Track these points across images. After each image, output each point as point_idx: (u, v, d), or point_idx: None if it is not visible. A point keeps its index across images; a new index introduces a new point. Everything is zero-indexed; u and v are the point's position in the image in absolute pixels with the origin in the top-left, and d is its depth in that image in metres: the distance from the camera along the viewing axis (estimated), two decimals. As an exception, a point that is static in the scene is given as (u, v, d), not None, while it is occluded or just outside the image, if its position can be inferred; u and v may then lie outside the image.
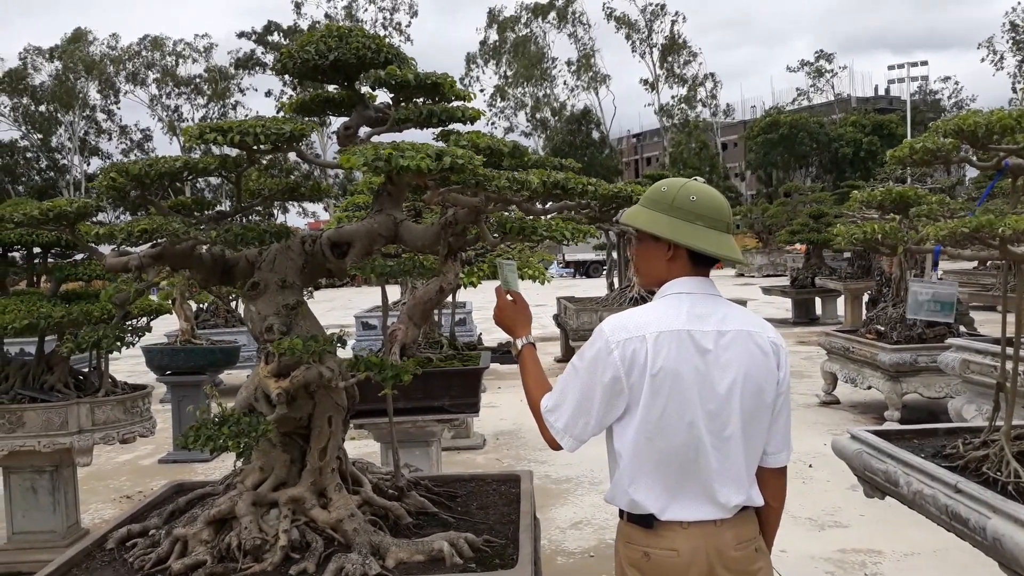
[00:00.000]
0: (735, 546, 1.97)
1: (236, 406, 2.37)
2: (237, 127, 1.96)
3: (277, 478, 2.36)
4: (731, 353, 1.95)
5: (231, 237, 2.17)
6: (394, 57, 2.33)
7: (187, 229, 2.06)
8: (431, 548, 2.23)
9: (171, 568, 2.17)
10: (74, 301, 4.64)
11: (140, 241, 2.03)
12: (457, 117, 2.36)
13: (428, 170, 1.74)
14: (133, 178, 2.13)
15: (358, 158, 1.73)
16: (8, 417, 4.50)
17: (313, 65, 2.27)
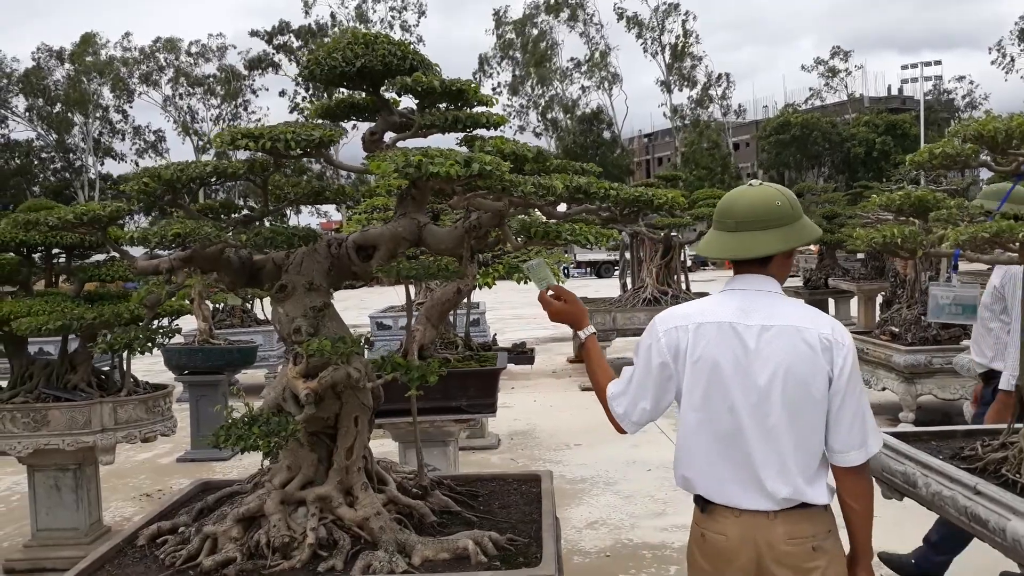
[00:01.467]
0: (786, 540, 2.04)
1: (264, 406, 2.41)
2: (268, 133, 2.00)
3: (304, 477, 2.40)
4: (773, 347, 2.04)
5: (261, 240, 2.22)
6: (419, 64, 2.37)
7: (219, 233, 2.11)
8: (456, 546, 2.27)
9: (202, 565, 2.22)
10: (96, 301, 4.71)
11: (173, 245, 2.07)
12: (482, 123, 2.40)
13: (457, 176, 1.78)
14: (165, 183, 2.18)
15: (389, 164, 1.77)
16: (33, 416, 4.57)
17: (340, 72, 2.31)
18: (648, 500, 5.67)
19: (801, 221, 2.14)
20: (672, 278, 10.79)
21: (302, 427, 2.25)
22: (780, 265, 2.16)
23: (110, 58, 57.16)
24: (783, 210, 2.10)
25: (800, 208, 2.16)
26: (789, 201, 2.14)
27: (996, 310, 3.91)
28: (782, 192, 2.16)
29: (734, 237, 2.12)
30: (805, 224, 2.15)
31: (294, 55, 56.92)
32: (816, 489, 2.07)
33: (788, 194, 2.16)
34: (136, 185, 2.22)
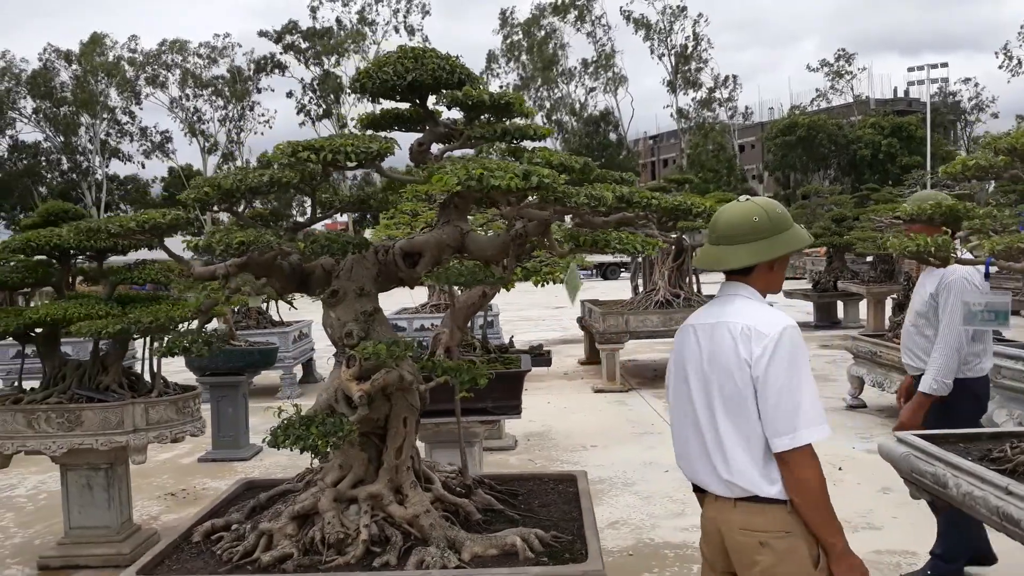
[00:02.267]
0: (738, 530, 2.20)
1: (316, 407, 2.50)
2: (329, 146, 2.09)
3: (356, 476, 2.49)
4: (712, 342, 2.24)
5: (318, 248, 2.31)
6: (466, 77, 2.46)
7: (280, 241, 2.19)
8: (504, 542, 2.36)
9: (260, 560, 2.31)
10: (127, 304, 4.81)
11: (236, 252, 2.16)
12: (529, 135, 2.49)
13: (516, 189, 1.86)
14: (225, 191, 2.26)
15: (452, 178, 1.86)
16: (67, 416, 4.66)
17: (391, 85, 2.39)
18: (667, 500, 5.74)
19: (781, 235, 2.24)
20: (684, 281, 10.86)
21: (356, 427, 2.34)
22: (764, 274, 2.29)
23: (117, 59, 57.38)
24: (759, 225, 2.23)
25: (783, 221, 2.26)
26: (768, 216, 2.24)
27: (931, 317, 3.99)
28: (764, 207, 2.27)
29: (715, 249, 2.30)
30: (784, 237, 2.25)
31: (302, 56, 57.11)
32: (768, 483, 2.16)
33: (771, 209, 2.27)
34: (195, 193, 2.30)
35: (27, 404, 4.74)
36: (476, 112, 2.44)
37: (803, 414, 2.12)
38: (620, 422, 8.42)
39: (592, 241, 2.26)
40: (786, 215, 2.29)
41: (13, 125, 57.94)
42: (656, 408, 8.96)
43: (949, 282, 3.87)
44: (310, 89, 57.96)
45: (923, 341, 4.06)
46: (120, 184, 65.25)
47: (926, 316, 4.04)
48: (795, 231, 2.29)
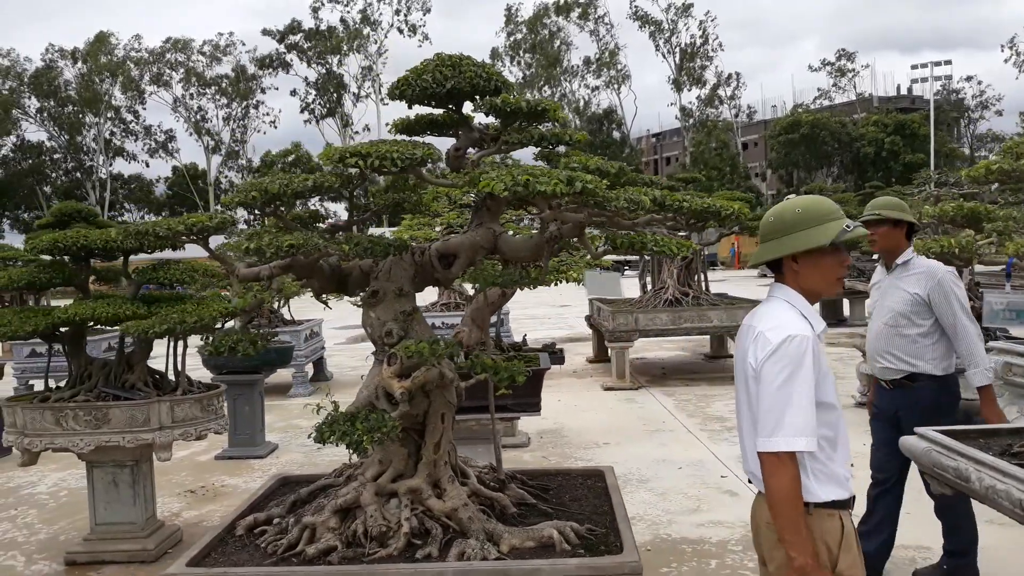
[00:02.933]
0: (765, 524, 2.31)
1: (357, 404, 2.57)
2: (375, 152, 2.16)
3: (395, 470, 2.56)
4: (742, 344, 2.39)
5: (360, 250, 2.38)
6: (502, 85, 2.53)
7: (327, 243, 2.27)
8: (541, 535, 2.43)
9: (305, 553, 2.38)
10: (151, 303, 4.89)
11: (286, 254, 2.23)
12: (565, 140, 2.56)
13: (561, 194, 1.94)
14: (272, 195, 2.34)
15: (498, 183, 1.93)
16: (95, 414, 4.74)
17: (430, 92, 2.47)
18: (682, 497, 5.82)
19: (794, 234, 2.28)
20: (693, 279, 10.93)
21: (399, 423, 2.41)
22: (792, 273, 2.34)
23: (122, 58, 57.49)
24: (775, 224, 2.32)
25: (803, 220, 2.27)
26: (795, 213, 2.29)
27: (914, 317, 4.00)
28: (796, 204, 2.32)
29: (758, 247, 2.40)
30: (797, 236, 2.27)
31: (305, 55, 57.21)
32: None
33: (793, 208, 2.31)
34: (241, 197, 2.38)
35: (55, 402, 4.82)
36: (512, 118, 2.51)
37: (785, 423, 2.16)
38: (631, 420, 8.50)
39: (629, 243, 2.33)
40: (812, 214, 2.28)
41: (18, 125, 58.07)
42: (667, 406, 9.04)
43: (941, 279, 3.93)
44: (313, 88, 58.08)
45: (903, 342, 4.04)
46: (124, 183, 65.41)
47: (909, 316, 4.01)
48: (812, 231, 2.27)
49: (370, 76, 57.62)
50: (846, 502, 2.31)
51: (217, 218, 2.43)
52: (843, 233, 2.25)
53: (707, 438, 7.55)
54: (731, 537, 5.01)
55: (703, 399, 9.28)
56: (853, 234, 2.26)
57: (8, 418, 4.90)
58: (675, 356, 12.93)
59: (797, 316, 2.29)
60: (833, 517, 2.26)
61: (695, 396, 9.43)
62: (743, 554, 4.71)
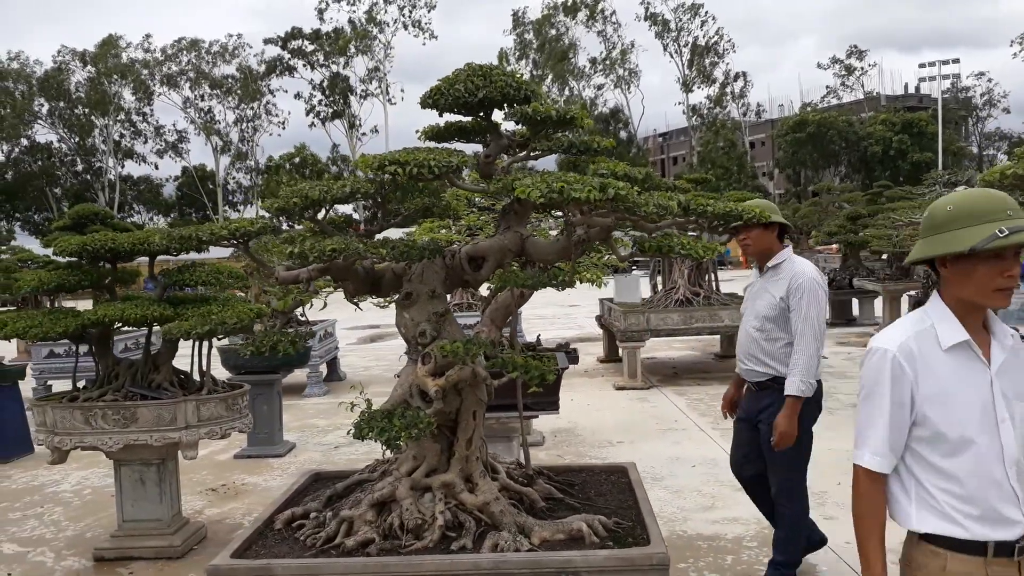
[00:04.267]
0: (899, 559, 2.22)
1: (391, 402, 2.67)
2: (414, 160, 2.26)
3: (429, 465, 2.66)
4: None
5: (397, 254, 2.48)
6: (531, 93, 2.62)
7: (366, 247, 2.37)
8: (570, 528, 2.53)
9: (344, 545, 2.48)
10: (177, 304, 5.00)
11: (328, 258, 2.33)
12: (593, 148, 2.65)
13: (595, 200, 2.03)
14: (312, 202, 2.44)
15: (535, 190, 2.03)
16: (123, 413, 4.85)
17: (463, 101, 2.56)
18: (696, 495, 5.90)
19: (945, 235, 2.00)
20: (703, 279, 11.00)
21: (433, 420, 2.51)
22: (943, 277, 2.08)
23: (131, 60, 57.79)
24: (928, 221, 2.07)
25: (958, 218, 1.99)
26: (945, 212, 2.03)
27: (779, 322, 3.98)
28: (949, 200, 2.06)
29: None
30: (947, 236, 2.00)
31: (308, 59, 57.41)
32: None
33: (956, 202, 2.03)
34: (283, 202, 2.48)
35: (84, 402, 4.93)
36: (542, 126, 2.61)
37: (861, 436, 2.10)
38: (644, 419, 8.58)
39: (656, 246, 2.41)
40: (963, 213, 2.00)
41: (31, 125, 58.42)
42: (679, 405, 9.12)
43: (801, 284, 3.91)
44: (319, 90, 58.27)
45: (770, 346, 4.03)
46: (133, 184, 65.74)
47: (775, 320, 4.00)
48: (957, 233, 1.98)
49: (377, 76, 57.82)
50: (962, 543, 2.01)
51: (259, 224, 2.53)
52: (991, 239, 1.91)
53: (719, 437, 7.62)
54: (746, 534, 5.09)
55: (715, 398, 9.34)
56: (1007, 240, 1.91)
57: (38, 417, 5.01)
58: (686, 356, 13.00)
59: (914, 324, 2.08)
60: (937, 555, 2.04)
61: (707, 395, 9.51)
62: (758, 550, 4.79)
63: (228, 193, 65.86)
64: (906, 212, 8.54)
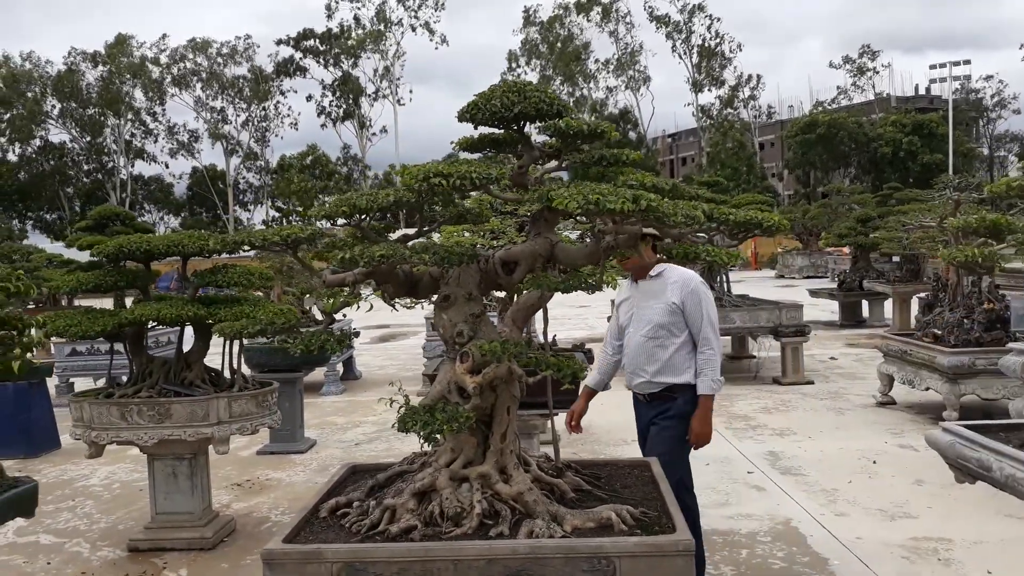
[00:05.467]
0: None
1: (430, 398, 2.84)
2: (456, 172, 2.42)
3: (466, 457, 2.82)
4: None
5: (437, 259, 2.65)
6: (562, 108, 2.79)
7: (412, 253, 2.54)
8: (600, 516, 2.69)
9: (389, 531, 2.65)
10: (211, 304, 5.18)
11: (377, 263, 2.50)
12: (622, 160, 2.81)
13: (628, 211, 2.19)
14: (359, 209, 2.61)
15: (572, 201, 2.19)
16: (158, 409, 5.03)
17: (499, 116, 2.73)
18: (711, 491, 6.05)
19: None
20: (714, 280, 11.14)
21: (472, 415, 2.68)
22: None
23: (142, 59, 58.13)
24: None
25: None
26: None
27: (673, 328, 4.00)
28: None
29: None
30: None
31: (320, 59, 57.71)
32: None
33: None
34: (332, 210, 2.65)
35: (120, 398, 5.12)
36: (573, 139, 2.77)
37: None
38: (657, 418, 8.72)
39: (684, 253, 2.57)
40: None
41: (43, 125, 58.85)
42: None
43: (694, 288, 3.98)
44: (330, 91, 58.57)
45: (663, 353, 4.02)
46: (144, 184, 66.19)
47: (669, 326, 4.00)
48: None
49: (387, 77, 58.08)
50: None
51: (309, 230, 2.70)
52: None
53: (732, 436, 7.78)
54: (760, 529, 5.24)
55: (726, 398, 9.48)
56: None
57: (75, 413, 5.20)
58: (696, 356, 13.12)
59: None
60: None
61: (718, 395, 9.61)
62: (772, 544, 4.95)
63: (238, 192, 66.25)
64: (916, 215, 8.66)
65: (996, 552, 4.69)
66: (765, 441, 7.55)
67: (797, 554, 4.76)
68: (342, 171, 57.31)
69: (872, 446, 7.14)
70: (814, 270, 32.25)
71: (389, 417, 9.23)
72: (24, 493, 3.33)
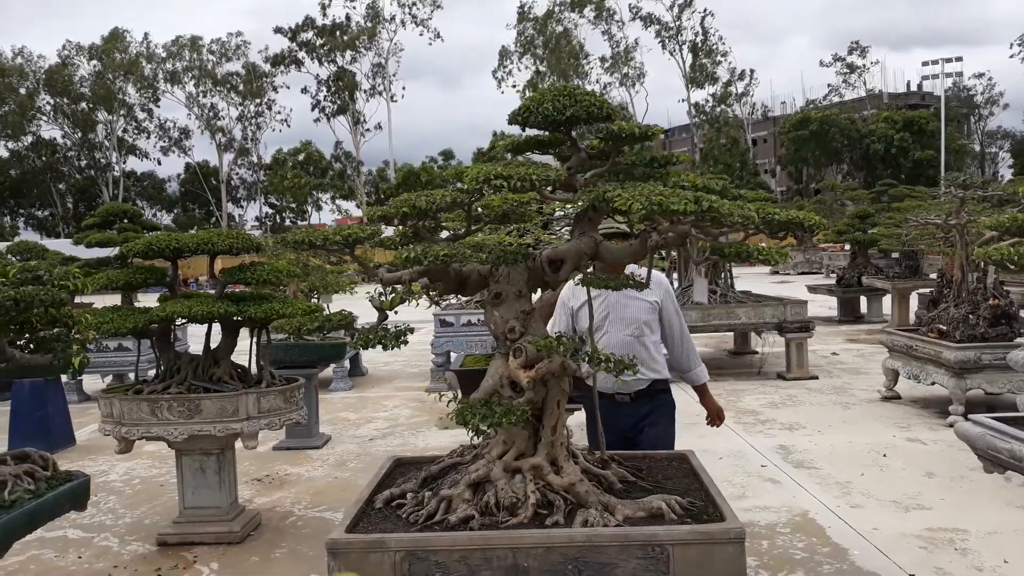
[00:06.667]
0: None
1: (483, 392, 2.93)
2: (516, 174, 2.51)
3: (518, 450, 2.92)
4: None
5: (493, 258, 2.74)
6: (611, 112, 2.88)
7: (471, 253, 2.63)
8: (650, 506, 2.79)
9: (447, 520, 2.74)
10: (239, 301, 5.26)
11: (443, 262, 2.59)
12: (672, 162, 2.91)
13: (689, 212, 2.28)
14: (419, 211, 2.70)
15: (636, 203, 2.28)
16: (188, 405, 5.11)
17: (551, 119, 2.82)
18: (727, 484, 6.15)
19: None
20: (719, 277, 11.27)
21: (527, 408, 2.77)
22: None
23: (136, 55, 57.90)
24: None
25: None
26: None
27: (653, 325, 4.24)
28: None
29: None
30: None
31: (316, 52, 57.57)
32: None
33: None
34: (393, 211, 2.74)
35: (149, 394, 5.19)
36: (622, 141, 2.86)
37: None
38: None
39: (736, 252, 2.67)
40: None
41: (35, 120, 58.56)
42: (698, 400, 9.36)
43: (668, 287, 4.37)
44: (325, 85, 58.44)
45: (644, 352, 4.18)
46: (137, 180, 65.98)
47: (651, 324, 4.22)
48: None
49: (382, 73, 58.02)
50: None
51: (369, 229, 2.78)
52: None
53: (742, 430, 7.89)
54: (778, 521, 5.35)
55: (733, 393, 9.62)
56: None
57: (104, 409, 5.26)
58: (700, 352, 13.25)
59: None
60: None
61: (724, 391, 9.75)
62: (792, 536, 5.06)
63: (232, 189, 66.12)
64: (921, 212, 8.80)
65: (1011, 542, 4.81)
66: (775, 435, 7.67)
67: (817, 544, 4.87)
68: (336, 167, 57.27)
69: (881, 439, 7.26)
70: (809, 266, 32.48)
71: (400, 413, 9.36)
72: (78, 487, 3.41)
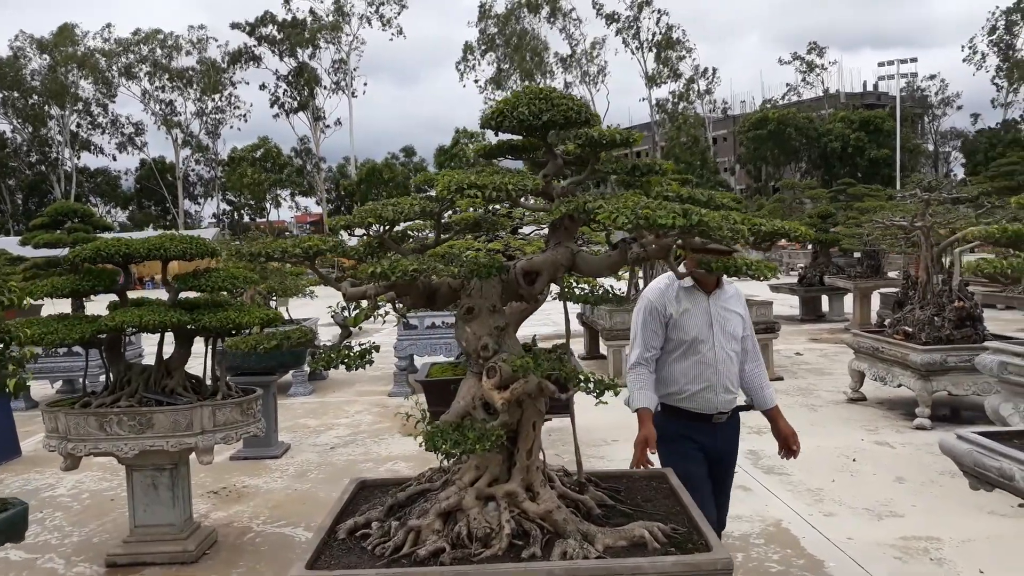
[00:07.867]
0: None
1: (454, 413, 2.75)
2: (492, 184, 2.34)
3: (492, 475, 2.74)
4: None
5: (466, 272, 2.56)
6: (590, 116, 2.72)
7: (443, 267, 2.45)
8: (632, 534, 2.63)
9: (416, 554, 2.55)
10: (193, 309, 5.00)
11: (411, 278, 2.41)
12: (654, 170, 2.76)
13: (677, 226, 2.13)
14: (386, 220, 2.51)
15: (621, 216, 2.12)
16: (139, 419, 4.84)
17: (527, 123, 2.65)
18: (698, 492, 6.05)
19: None
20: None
21: (502, 432, 2.60)
22: None
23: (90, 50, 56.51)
24: None
25: None
26: None
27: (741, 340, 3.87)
28: None
29: None
30: None
31: (277, 47, 56.70)
32: None
33: None
34: (357, 220, 2.55)
35: (97, 408, 4.91)
36: (601, 147, 2.70)
37: None
38: (633, 418, 8.71)
39: (724, 267, 2.53)
40: None
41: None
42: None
43: (743, 299, 3.92)
44: (284, 81, 57.61)
45: (736, 368, 3.83)
46: (90, 176, 64.39)
47: (741, 340, 3.83)
48: None
49: (343, 69, 57.33)
50: None
51: (331, 242, 2.59)
52: None
53: (711, 434, 7.80)
54: (752, 531, 5.25)
55: (700, 396, 9.53)
56: None
57: (49, 423, 4.98)
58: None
59: None
60: None
61: (692, 393, 9.67)
62: (766, 547, 4.96)
63: (188, 185, 64.90)
64: (884, 213, 8.80)
65: (985, 550, 4.76)
66: (744, 439, 7.54)
67: (792, 556, 4.78)
68: (295, 163, 56.51)
69: (849, 443, 7.23)
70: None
71: (362, 419, 9.12)
72: (15, 516, 3.15)
